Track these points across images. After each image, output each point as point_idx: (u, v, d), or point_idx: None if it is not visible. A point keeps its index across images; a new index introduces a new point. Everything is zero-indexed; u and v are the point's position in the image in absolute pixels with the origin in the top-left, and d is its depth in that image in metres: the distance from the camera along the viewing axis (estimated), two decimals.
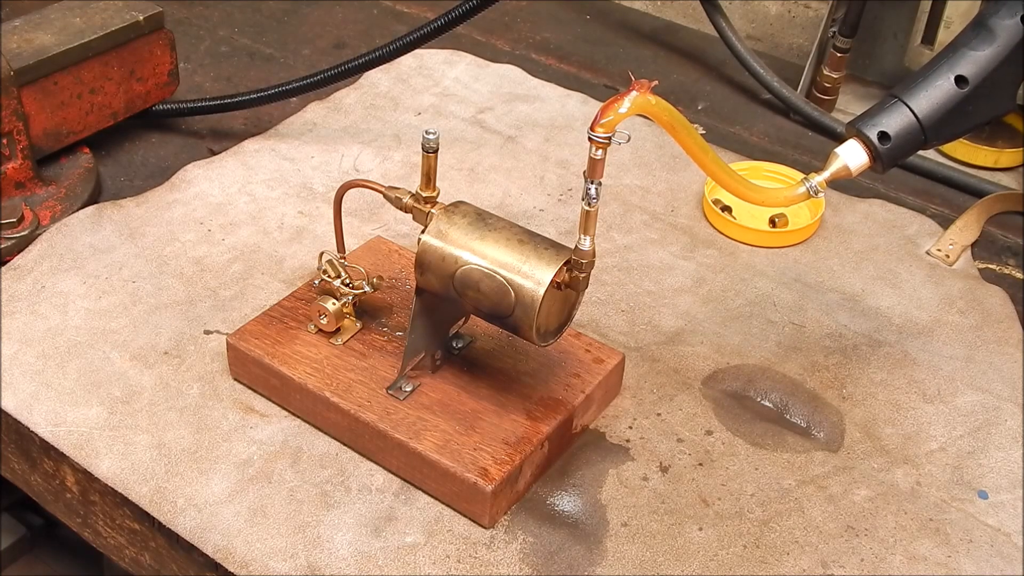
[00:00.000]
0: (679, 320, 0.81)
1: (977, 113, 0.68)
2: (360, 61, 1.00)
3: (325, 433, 0.70)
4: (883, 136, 0.67)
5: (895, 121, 0.67)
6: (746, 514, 0.67)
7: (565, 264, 0.63)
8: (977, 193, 0.99)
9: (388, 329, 0.73)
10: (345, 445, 0.69)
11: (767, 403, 0.75)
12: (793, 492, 0.68)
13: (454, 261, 0.64)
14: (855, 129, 0.68)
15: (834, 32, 1.06)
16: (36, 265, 0.83)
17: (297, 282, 0.81)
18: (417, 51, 1.05)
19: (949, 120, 0.67)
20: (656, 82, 0.59)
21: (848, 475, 0.70)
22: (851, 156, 0.67)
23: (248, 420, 0.71)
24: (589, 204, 0.61)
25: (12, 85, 0.85)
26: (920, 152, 1.01)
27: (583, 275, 0.64)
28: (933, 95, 0.67)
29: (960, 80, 0.67)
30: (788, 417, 0.74)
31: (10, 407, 0.71)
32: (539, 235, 0.65)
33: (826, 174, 0.67)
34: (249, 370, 0.72)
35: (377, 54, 1.00)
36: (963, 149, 1.03)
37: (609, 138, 0.58)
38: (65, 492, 0.72)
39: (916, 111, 0.67)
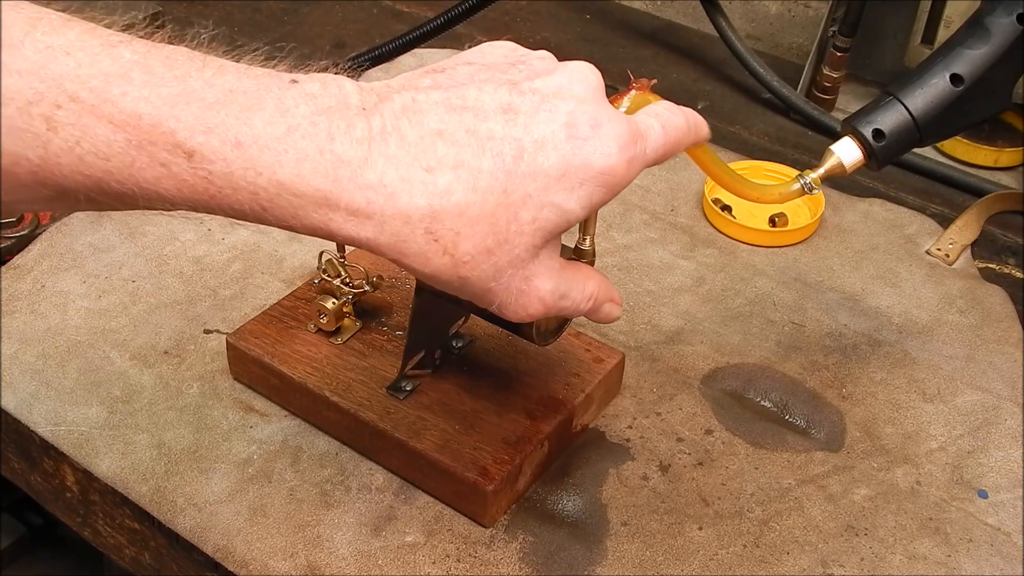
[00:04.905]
0: (679, 319, 0.81)
1: (972, 111, 0.68)
2: (360, 60, 1.00)
3: (325, 433, 0.70)
4: (877, 133, 0.67)
5: (890, 119, 0.67)
6: (746, 513, 0.67)
7: None
8: (977, 192, 0.99)
9: (388, 329, 0.73)
10: (345, 444, 0.69)
11: (767, 403, 0.75)
12: (793, 491, 0.68)
13: None
14: (850, 126, 0.68)
15: (834, 32, 1.06)
16: (36, 264, 0.83)
17: (297, 281, 0.81)
18: (417, 50, 1.05)
19: (944, 118, 0.67)
20: (656, 81, 0.59)
21: (848, 474, 0.70)
22: (845, 153, 0.68)
23: (248, 420, 0.71)
24: None
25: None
26: (920, 151, 1.01)
27: None
28: (928, 93, 0.67)
29: (955, 78, 0.67)
30: (788, 417, 0.74)
31: (10, 406, 0.71)
32: None
33: (820, 171, 0.67)
34: (249, 369, 0.72)
35: (376, 53, 1.00)
36: (963, 148, 1.03)
37: None
38: (65, 491, 0.72)
39: (911, 109, 0.67)
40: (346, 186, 0.42)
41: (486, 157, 0.43)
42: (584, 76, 0.48)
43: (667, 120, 0.51)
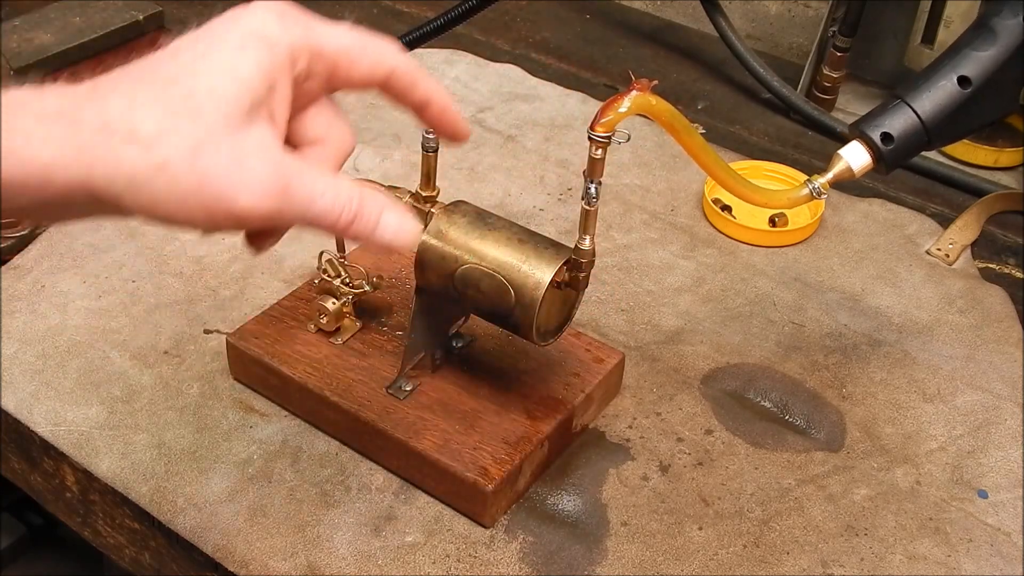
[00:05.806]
0: (679, 319, 0.81)
1: (980, 114, 0.68)
2: None
3: (325, 433, 0.70)
4: (886, 137, 0.67)
5: (898, 122, 0.67)
6: (746, 513, 0.67)
7: (565, 263, 0.63)
8: (977, 192, 0.99)
9: (388, 328, 0.73)
10: (345, 444, 0.69)
11: (767, 403, 0.75)
12: (793, 491, 0.68)
13: (454, 260, 0.64)
14: (858, 130, 0.68)
15: (834, 32, 1.06)
16: (36, 264, 0.83)
17: (297, 281, 0.81)
18: (417, 50, 1.05)
19: (952, 121, 0.67)
20: (656, 81, 0.59)
21: (848, 474, 0.70)
22: (854, 157, 0.67)
23: (248, 420, 0.71)
24: (589, 203, 0.61)
25: (12, 85, 0.85)
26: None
27: (583, 274, 0.64)
28: (936, 96, 0.67)
29: (963, 81, 0.66)
30: (788, 417, 0.74)
31: (10, 407, 0.71)
32: (539, 234, 0.65)
33: (829, 175, 0.67)
34: (249, 369, 0.72)
35: None
36: (963, 148, 1.03)
37: (609, 137, 0.58)
38: (65, 491, 0.72)
39: (919, 112, 0.66)
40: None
41: (158, 61, 0.44)
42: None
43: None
